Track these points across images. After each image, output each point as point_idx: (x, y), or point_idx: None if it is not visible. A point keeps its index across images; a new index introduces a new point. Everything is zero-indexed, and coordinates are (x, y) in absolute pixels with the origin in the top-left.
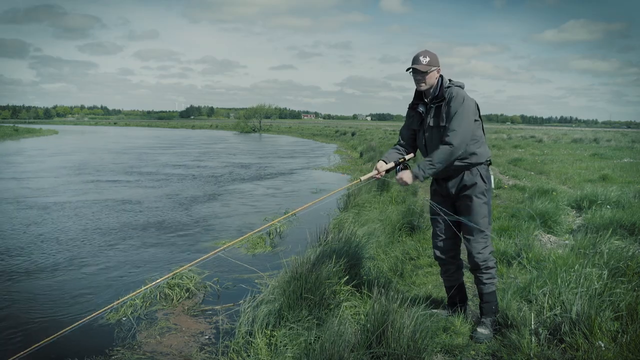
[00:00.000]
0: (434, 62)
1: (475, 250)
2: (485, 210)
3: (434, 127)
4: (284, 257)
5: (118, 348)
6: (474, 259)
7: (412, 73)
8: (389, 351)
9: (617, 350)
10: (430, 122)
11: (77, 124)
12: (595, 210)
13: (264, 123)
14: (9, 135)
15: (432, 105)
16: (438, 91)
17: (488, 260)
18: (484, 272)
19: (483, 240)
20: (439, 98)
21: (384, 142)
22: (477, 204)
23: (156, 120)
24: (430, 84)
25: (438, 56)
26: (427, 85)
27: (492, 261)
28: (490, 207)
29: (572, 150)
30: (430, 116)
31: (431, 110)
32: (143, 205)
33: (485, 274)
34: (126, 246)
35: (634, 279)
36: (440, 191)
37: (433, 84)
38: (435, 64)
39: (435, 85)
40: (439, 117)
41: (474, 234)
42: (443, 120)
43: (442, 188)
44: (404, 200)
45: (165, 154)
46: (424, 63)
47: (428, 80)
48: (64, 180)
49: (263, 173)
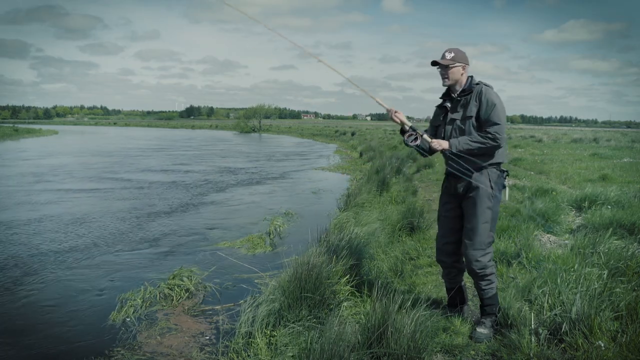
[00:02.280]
0: (459, 58)
1: (473, 257)
2: (488, 216)
3: (460, 119)
4: (284, 257)
5: (118, 348)
6: (471, 266)
7: (437, 69)
8: (389, 351)
9: (617, 350)
10: (455, 115)
11: (77, 124)
12: (595, 210)
13: (264, 123)
14: (9, 136)
15: (459, 99)
16: (466, 86)
17: (486, 268)
18: (482, 279)
19: (481, 247)
20: (466, 92)
21: (383, 142)
22: (481, 207)
23: (156, 120)
24: (454, 80)
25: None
26: (451, 81)
27: (491, 268)
28: (496, 215)
29: (572, 150)
30: (457, 110)
31: (458, 103)
32: (92, 225)
33: (483, 281)
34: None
35: (634, 279)
36: (449, 189)
37: (457, 80)
38: (461, 60)
39: (462, 81)
40: (466, 109)
41: (472, 238)
42: (472, 112)
43: (451, 186)
44: (404, 200)
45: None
46: (448, 58)
47: (451, 75)
48: (23, 189)
49: (261, 176)
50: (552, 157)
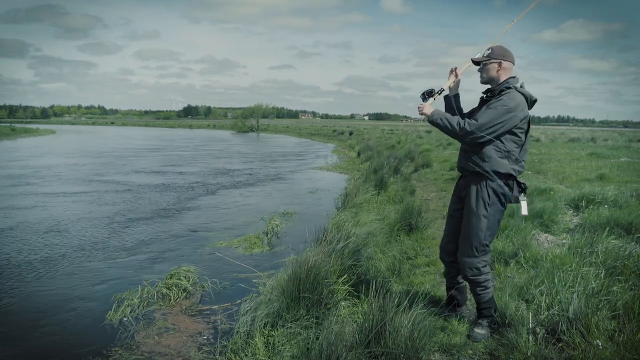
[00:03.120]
0: (496, 54)
1: (466, 264)
2: (483, 225)
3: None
4: (282, 257)
5: (116, 348)
6: (464, 272)
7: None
8: (387, 350)
9: (614, 349)
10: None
11: (74, 124)
12: (593, 210)
13: (262, 123)
14: (6, 135)
15: (486, 99)
16: (496, 86)
17: (479, 275)
18: (476, 285)
19: (474, 254)
20: (494, 93)
21: (381, 142)
22: (476, 215)
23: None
24: (490, 77)
25: (508, 53)
26: (486, 77)
27: (485, 275)
28: (494, 225)
29: (569, 150)
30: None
31: (485, 103)
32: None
33: (478, 287)
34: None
35: (631, 278)
36: (457, 189)
37: (493, 77)
38: (497, 56)
39: (499, 78)
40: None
41: (465, 244)
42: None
43: (457, 186)
44: (402, 199)
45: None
46: (484, 55)
47: (485, 72)
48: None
49: (259, 176)
50: (549, 157)
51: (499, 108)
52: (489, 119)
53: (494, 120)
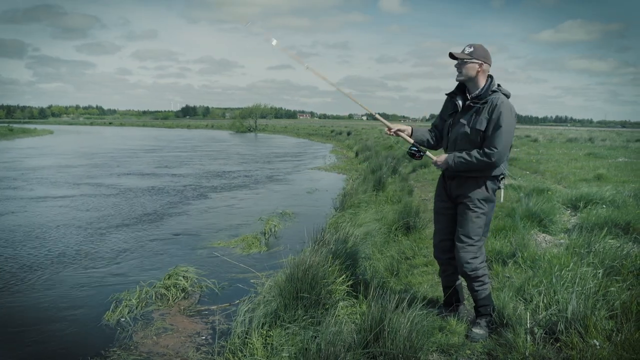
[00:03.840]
0: (478, 54)
1: (464, 260)
2: (482, 222)
3: (470, 127)
4: (280, 257)
5: (114, 349)
6: (462, 268)
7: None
8: (385, 350)
9: (612, 349)
10: (464, 120)
11: (72, 124)
12: (591, 210)
13: (260, 123)
14: (4, 135)
15: (472, 105)
16: (483, 92)
17: (477, 270)
18: (474, 281)
19: (472, 250)
20: (482, 99)
21: (379, 142)
22: (474, 213)
23: (151, 120)
24: (468, 76)
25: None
26: (464, 77)
27: (482, 270)
28: (490, 219)
29: (567, 150)
30: (467, 115)
31: (470, 109)
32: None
33: (475, 283)
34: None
35: (629, 278)
36: (445, 188)
37: (471, 77)
38: (479, 57)
39: (479, 82)
40: (477, 120)
41: (464, 241)
42: (482, 125)
43: (446, 186)
44: (400, 199)
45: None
46: (466, 52)
47: (465, 70)
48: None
49: (257, 176)
50: (547, 157)
51: (507, 127)
52: (505, 142)
53: (509, 139)
